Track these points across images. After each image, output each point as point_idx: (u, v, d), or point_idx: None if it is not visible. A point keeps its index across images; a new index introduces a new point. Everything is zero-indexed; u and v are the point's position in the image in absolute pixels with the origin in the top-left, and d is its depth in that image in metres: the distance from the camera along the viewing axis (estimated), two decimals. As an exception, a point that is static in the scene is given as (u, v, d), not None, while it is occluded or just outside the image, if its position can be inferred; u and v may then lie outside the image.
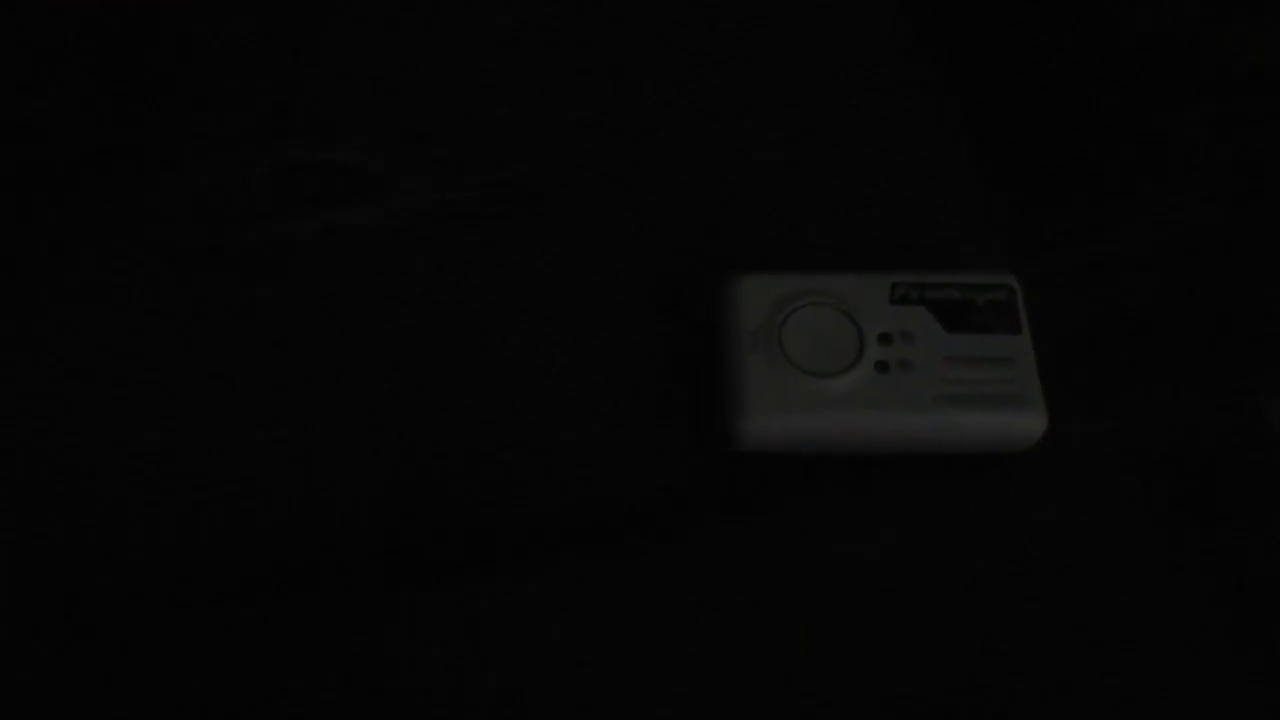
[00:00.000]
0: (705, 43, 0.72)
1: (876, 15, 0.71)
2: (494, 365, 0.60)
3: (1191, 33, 0.64)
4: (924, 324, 0.50)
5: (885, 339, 0.50)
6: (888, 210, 0.64)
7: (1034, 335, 0.52)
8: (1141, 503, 0.54)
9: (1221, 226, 0.57)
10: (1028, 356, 0.49)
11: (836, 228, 0.63)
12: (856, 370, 0.50)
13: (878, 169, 0.66)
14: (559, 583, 0.53)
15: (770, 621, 0.52)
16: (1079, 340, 0.53)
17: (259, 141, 0.67)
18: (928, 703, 0.51)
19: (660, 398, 0.59)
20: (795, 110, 0.69)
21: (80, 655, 0.52)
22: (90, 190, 0.65)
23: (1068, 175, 0.59)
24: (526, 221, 0.64)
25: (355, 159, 0.64)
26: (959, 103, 0.65)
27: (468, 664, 0.52)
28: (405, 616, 0.53)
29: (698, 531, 0.54)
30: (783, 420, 0.50)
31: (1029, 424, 0.50)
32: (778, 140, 0.68)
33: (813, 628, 0.52)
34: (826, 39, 0.72)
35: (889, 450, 0.51)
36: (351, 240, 0.63)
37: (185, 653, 0.52)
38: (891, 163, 0.66)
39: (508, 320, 0.61)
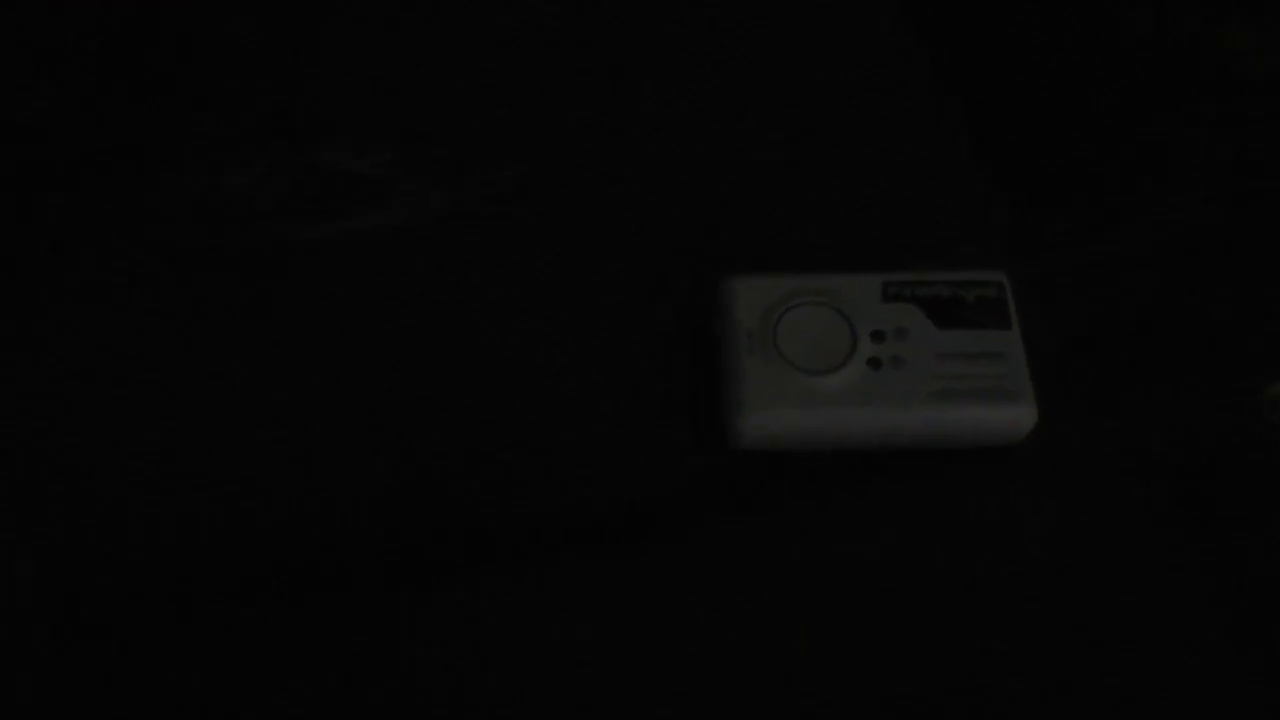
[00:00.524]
0: (705, 43, 0.72)
1: (876, 15, 0.71)
2: (494, 365, 0.60)
3: (1191, 33, 0.64)
4: (916, 321, 0.51)
5: (878, 336, 0.51)
6: (887, 210, 0.64)
7: (1034, 335, 0.53)
8: (1141, 503, 0.54)
9: (1221, 226, 0.57)
10: (1018, 351, 0.50)
11: (836, 228, 0.63)
12: (850, 367, 0.50)
13: (877, 169, 0.66)
14: (559, 583, 0.53)
15: (770, 621, 0.52)
16: (1079, 340, 0.53)
17: (259, 141, 0.67)
18: (928, 703, 0.51)
19: (660, 398, 0.59)
20: (795, 110, 0.69)
21: (80, 655, 0.52)
22: (90, 190, 0.65)
23: (1068, 175, 0.59)
24: (526, 221, 0.64)
25: (355, 160, 0.64)
26: (959, 103, 0.65)
27: (468, 664, 0.52)
28: (405, 616, 0.53)
29: (698, 531, 0.54)
30: (778, 418, 0.50)
31: (1020, 417, 0.50)
32: (778, 140, 0.68)
33: (813, 628, 0.52)
34: (826, 39, 0.72)
35: (883, 446, 0.52)
36: (351, 240, 0.63)
37: (185, 653, 0.52)
38: (891, 163, 0.66)
39: (508, 320, 0.61)
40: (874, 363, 0.50)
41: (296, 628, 0.53)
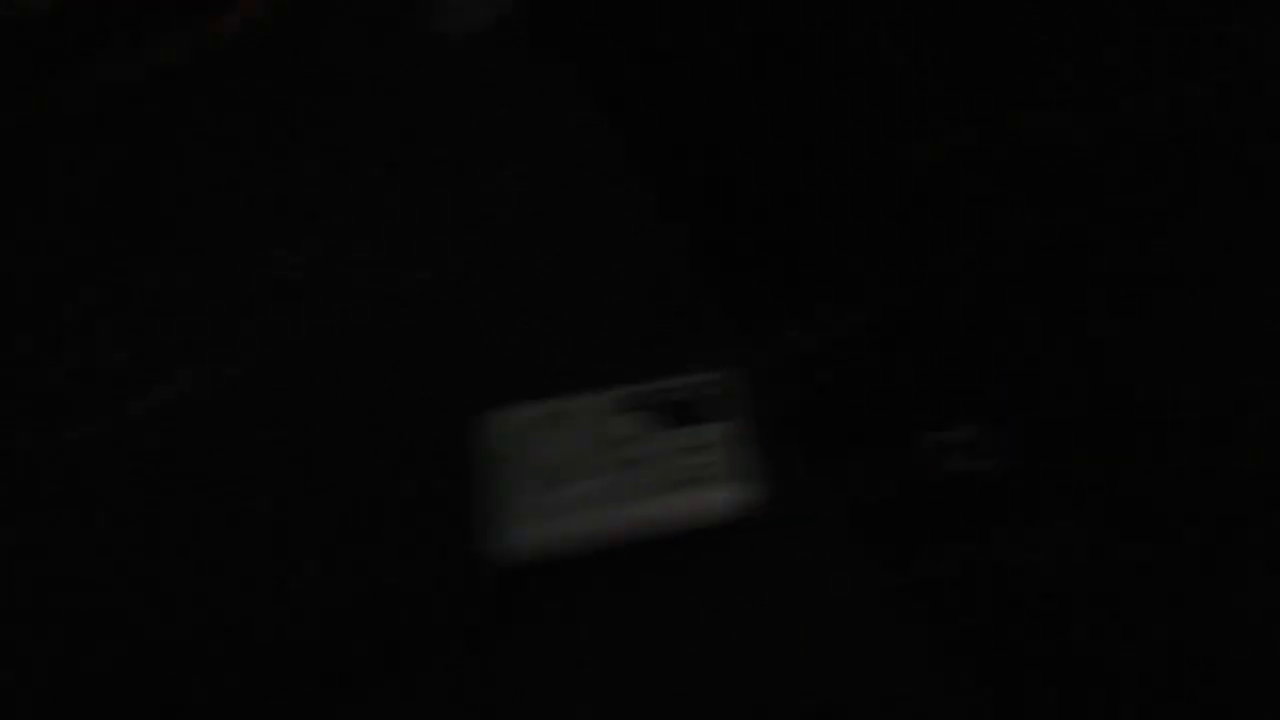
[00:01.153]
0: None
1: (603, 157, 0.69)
2: (494, 365, 0.60)
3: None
4: (650, 425, 0.57)
5: (619, 443, 0.57)
6: (617, 328, 0.63)
7: (758, 415, 0.59)
8: (862, 555, 0.55)
9: (911, 307, 0.62)
10: (739, 439, 0.57)
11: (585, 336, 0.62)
12: (598, 476, 0.56)
13: (604, 284, 0.65)
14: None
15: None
16: (802, 413, 0.58)
17: (259, 141, 0.67)
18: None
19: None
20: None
21: (80, 656, 0.52)
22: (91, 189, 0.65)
23: (788, 282, 0.63)
24: (526, 222, 0.65)
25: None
26: (686, 218, 0.66)
27: None
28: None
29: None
30: (539, 530, 0.55)
31: (741, 496, 0.56)
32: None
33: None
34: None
35: (637, 538, 0.57)
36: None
37: (185, 653, 0.53)
38: (618, 277, 0.65)
39: (508, 320, 0.61)
40: (618, 468, 0.56)
41: (295, 627, 0.53)
